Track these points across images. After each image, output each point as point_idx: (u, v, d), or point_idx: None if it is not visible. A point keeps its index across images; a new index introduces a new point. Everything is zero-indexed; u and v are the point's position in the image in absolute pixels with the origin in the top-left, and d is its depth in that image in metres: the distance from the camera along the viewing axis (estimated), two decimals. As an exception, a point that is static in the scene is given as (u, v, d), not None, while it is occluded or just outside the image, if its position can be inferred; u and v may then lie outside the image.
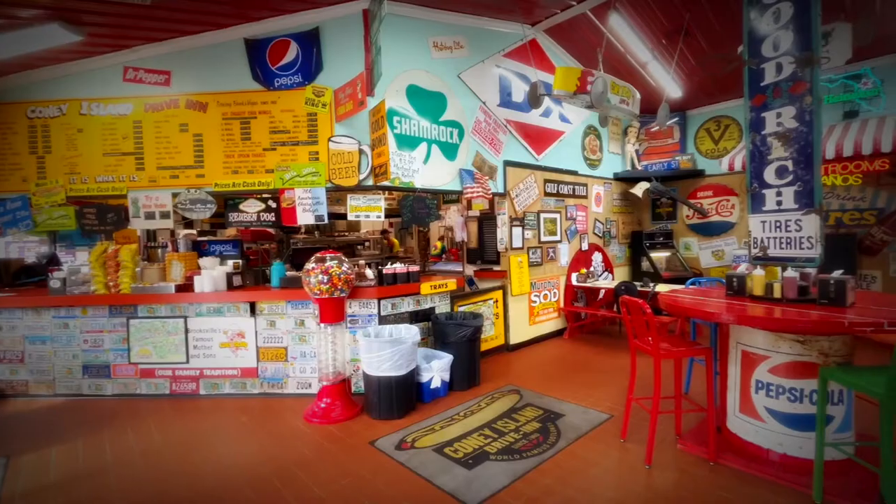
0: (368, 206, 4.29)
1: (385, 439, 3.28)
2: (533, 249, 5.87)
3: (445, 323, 4.24)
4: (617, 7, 4.97)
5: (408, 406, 3.72)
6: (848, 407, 2.61)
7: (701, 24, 5.23)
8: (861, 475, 2.54)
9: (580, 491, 2.57)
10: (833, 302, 2.58)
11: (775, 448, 2.71)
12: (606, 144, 7.36)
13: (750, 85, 3.14)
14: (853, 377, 2.24)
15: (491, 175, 5.28)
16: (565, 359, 5.25)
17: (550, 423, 3.48)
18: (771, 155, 3.03)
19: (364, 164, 4.25)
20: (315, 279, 3.57)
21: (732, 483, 2.60)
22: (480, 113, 5.23)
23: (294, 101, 4.25)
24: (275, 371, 4.24)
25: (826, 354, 2.55)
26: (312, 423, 3.61)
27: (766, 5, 3.03)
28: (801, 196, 2.88)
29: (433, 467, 2.87)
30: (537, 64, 5.79)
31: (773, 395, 2.70)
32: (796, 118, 2.88)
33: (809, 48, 2.79)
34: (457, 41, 4.98)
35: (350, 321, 4.15)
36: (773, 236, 3.04)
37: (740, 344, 2.87)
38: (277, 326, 4.21)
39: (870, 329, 2.21)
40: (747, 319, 2.57)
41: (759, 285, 2.89)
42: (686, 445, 3.02)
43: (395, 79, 4.43)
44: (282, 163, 4.27)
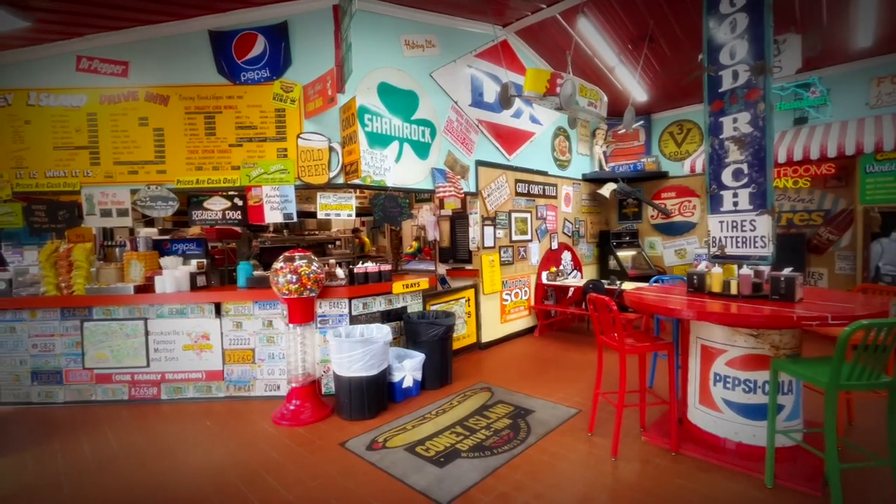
0: (339, 205, 4.23)
1: (356, 440, 3.25)
2: (504, 248, 5.94)
3: (418, 322, 4.24)
4: (585, 12, 5.09)
5: (379, 406, 3.70)
6: (797, 396, 2.77)
7: (665, 32, 5.42)
8: (808, 460, 2.70)
9: (549, 485, 2.62)
10: (783, 298, 2.73)
11: (731, 437, 2.84)
12: (575, 146, 7.52)
13: (709, 91, 3.28)
14: (801, 368, 2.38)
15: (463, 174, 5.30)
16: (536, 356, 5.34)
17: (521, 419, 3.53)
18: (728, 158, 3.17)
19: (334, 162, 4.19)
20: (283, 279, 3.49)
21: (692, 471, 2.71)
22: (452, 112, 5.25)
23: (261, 96, 4.14)
24: (241, 373, 4.12)
25: (777, 347, 2.70)
26: (281, 425, 3.54)
27: (723, 15, 3.17)
28: (755, 197, 3.04)
29: (404, 466, 2.86)
30: (508, 65, 5.86)
31: (730, 386, 2.83)
32: (751, 123, 3.03)
33: (762, 57, 2.94)
34: (429, 40, 4.98)
35: (320, 321, 4.08)
36: (730, 236, 3.19)
37: (700, 339, 3.00)
38: (244, 328, 4.09)
39: (816, 323, 2.35)
40: (706, 315, 2.69)
41: (718, 282, 3.03)
42: (650, 437, 3.13)
43: (367, 76, 4.39)
44: (249, 159, 4.15)
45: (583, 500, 2.48)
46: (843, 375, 2.16)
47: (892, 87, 5.46)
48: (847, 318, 2.26)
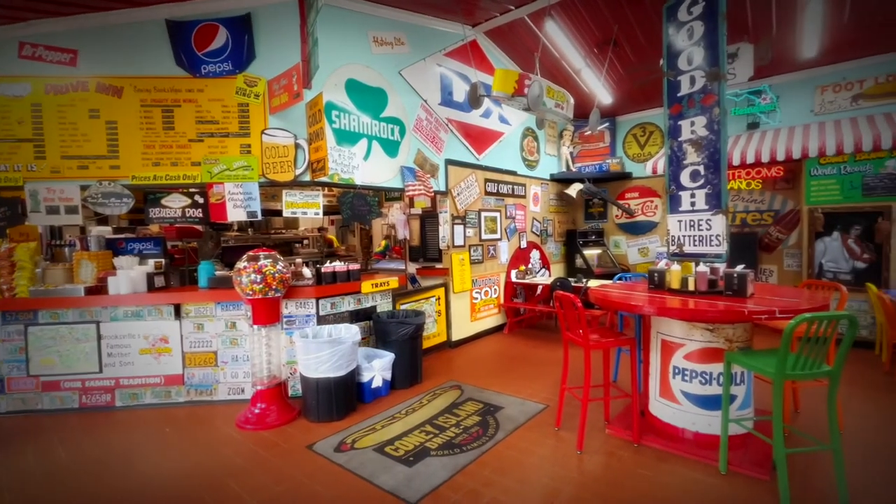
0: (306, 203, 4.14)
1: (324, 442, 3.20)
2: (474, 247, 5.98)
3: (387, 321, 4.21)
4: (552, 14, 5.18)
5: (348, 407, 3.65)
6: (748, 387, 2.92)
7: (628, 37, 5.59)
8: (758, 446, 2.86)
9: (517, 480, 2.66)
10: (736, 293, 2.88)
11: (689, 427, 2.97)
12: (543, 146, 7.66)
13: (668, 95, 3.41)
14: (751, 360, 2.51)
15: (433, 173, 5.30)
16: (505, 353, 5.41)
17: (490, 416, 3.57)
18: (686, 160, 3.31)
19: (301, 159, 4.10)
20: (247, 279, 3.39)
21: (653, 461, 2.82)
22: (422, 111, 5.23)
23: (223, 90, 3.99)
24: (203, 377, 3.97)
25: (731, 340, 2.84)
26: (245, 429, 3.44)
27: (681, 23, 3.30)
28: (711, 198, 3.18)
29: (373, 467, 2.84)
30: (477, 65, 5.90)
31: (688, 379, 2.95)
32: (707, 127, 3.17)
33: (717, 64, 3.08)
34: (398, 37, 4.94)
35: (286, 322, 3.99)
36: (688, 234, 3.33)
37: (660, 333, 3.12)
38: (206, 329, 3.95)
39: (765, 317, 2.49)
40: (666, 311, 2.80)
41: (676, 279, 3.15)
42: (614, 430, 3.23)
43: (334, 72, 4.31)
44: (210, 155, 4.00)
45: (549, 493, 2.53)
46: (789, 366, 2.30)
47: (834, 96, 5.84)
48: (792, 312, 2.41)
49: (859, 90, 5.66)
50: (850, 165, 5.23)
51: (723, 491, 2.49)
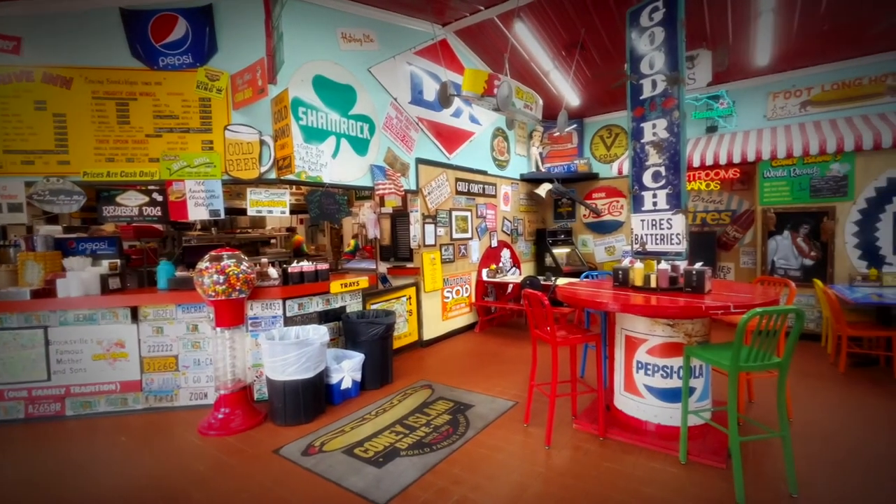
0: (272, 202, 4.04)
1: (291, 446, 3.13)
2: (445, 246, 5.99)
3: (357, 322, 4.16)
4: (521, 16, 5.24)
5: (316, 410, 3.58)
6: (706, 379, 3.05)
7: (595, 40, 5.73)
8: (716, 436, 2.99)
9: (486, 477, 2.68)
10: (695, 290, 2.99)
11: (652, 420, 3.07)
12: (513, 146, 7.75)
13: (632, 98, 3.52)
14: (709, 353, 2.62)
15: (403, 172, 5.27)
16: (476, 351, 5.44)
17: (460, 414, 3.58)
18: (648, 161, 3.42)
19: (266, 156, 3.99)
20: (209, 279, 3.27)
21: (617, 454, 2.90)
22: (392, 109, 5.19)
23: (183, 83, 3.84)
24: (163, 382, 3.81)
25: (690, 335, 2.95)
26: (208, 436, 3.32)
27: (643, 28, 3.41)
28: (671, 198, 3.30)
29: (342, 469, 2.80)
30: (447, 64, 5.90)
31: (651, 373, 3.05)
32: (667, 130, 3.29)
33: (677, 69, 3.20)
34: (367, 34, 4.89)
35: (252, 324, 3.88)
36: (650, 233, 3.44)
37: (624, 329, 3.21)
38: (165, 333, 3.79)
39: (721, 312, 2.60)
40: (629, 307, 2.88)
41: (639, 277, 3.25)
42: (581, 424, 3.30)
43: (301, 68, 4.22)
44: (169, 151, 3.84)
45: (517, 488, 2.56)
46: (742, 358, 2.41)
47: (785, 102, 6.17)
48: (745, 307, 2.52)
49: (807, 97, 6.00)
50: (799, 168, 5.53)
51: (682, 480, 2.59)
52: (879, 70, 5.53)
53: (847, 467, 2.69)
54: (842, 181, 5.28)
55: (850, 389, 3.90)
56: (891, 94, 5.49)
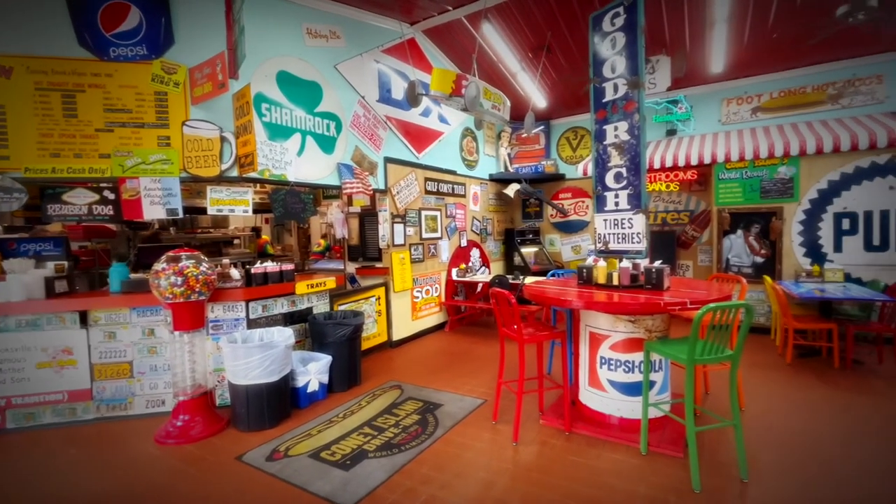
0: (233, 200, 3.90)
1: (254, 452, 3.04)
2: (415, 246, 5.97)
3: (324, 323, 4.08)
4: (489, 17, 5.29)
5: (282, 414, 3.50)
6: (666, 373, 3.17)
7: (560, 43, 5.85)
8: (674, 427, 3.11)
9: (454, 475, 2.69)
10: (655, 287, 3.11)
11: (615, 413, 3.17)
12: (482, 147, 7.81)
13: (595, 101, 3.61)
14: (667, 348, 2.72)
15: (371, 171, 5.22)
16: (446, 351, 5.45)
17: (429, 413, 3.58)
18: (610, 162, 3.52)
19: (227, 153, 3.86)
20: (166, 281, 3.13)
21: (582, 448, 2.97)
22: (359, 107, 5.13)
23: (137, 76, 3.66)
24: (116, 390, 3.62)
25: (650, 331, 3.06)
26: (166, 444, 3.18)
27: (605, 33, 3.51)
28: (632, 198, 3.41)
29: (308, 474, 2.74)
30: (416, 63, 5.88)
31: (613, 368, 3.15)
32: (628, 132, 3.40)
33: (637, 73, 3.31)
34: (333, 31, 4.80)
35: (213, 327, 3.74)
36: (612, 232, 3.55)
37: (588, 326, 3.29)
38: (119, 338, 3.60)
39: (678, 308, 2.71)
40: (592, 305, 2.96)
41: (602, 275, 3.35)
42: (547, 420, 3.36)
43: (264, 63, 4.10)
44: (122, 147, 3.65)
45: (485, 485, 2.58)
46: (698, 351, 2.52)
47: (738, 108, 6.49)
48: (701, 303, 2.64)
49: (758, 103, 6.34)
50: (750, 171, 5.84)
51: (643, 470, 2.68)
52: (821, 80, 5.91)
53: (793, 451, 2.86)
54: (788, 183, 5.61)
55: (796, 379, 4.15)
56: (831, 102, 5.87)
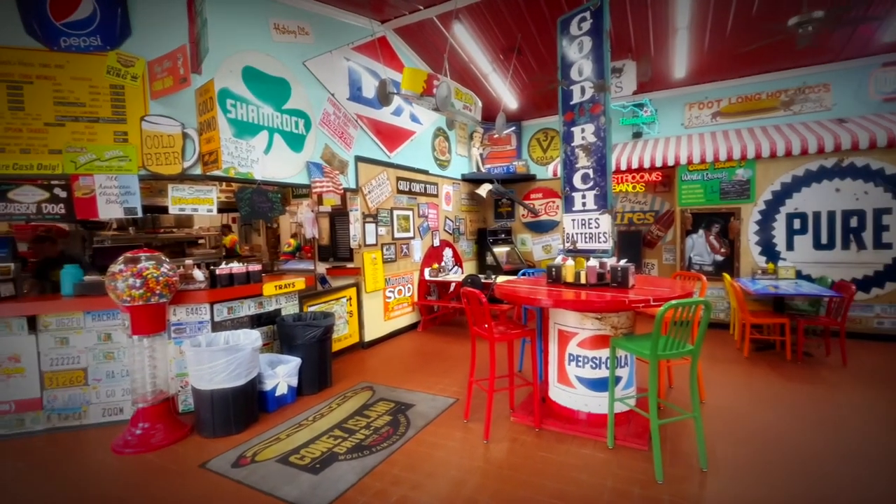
0: (196, 199, 3.77)
1: (219, 458, 2.95)
2: (387, 246, 5.93)
3: (293, 325, 4.00)
4: (460, 18, 5.31)
5: (249, 418, 3.40)
6: (631, 368, 3.27)
7: (530, 46, 5.93)
8: (639, 421, 3.21)
9: (425, 475, 2.69)
10: (620, 285, 3.19)
11: (583, 409, 3.24)
12: (455, 147, 7.83)
13: (563, 103, 3.68)
14: (632, 344, 2.81)
15: (342, 170, 5.15)
16: (418, 351, 5.44)
17: (401, 414, 3.57)
18: (578, 164, 3.60)
19: (190, 151, 3.73)
20: (123, 284, 3.00)
21: (551, 443, 3.03)
22: (329, 105, 5.05)
23: (91, 67, 3.48)
24: (69, 399, 3.44)
25: (616, 327, 3.15)
26: (125, 454, 3.04)
27: (573, 37, 3.58)
28: (599, 199, 3.50)
29: (276, 479, 2.68)
30: (387, 61, 5.84)
31: (581, 364, 3.22)
32: (595, 134, 3.48)
33: (602, 77, 3.39)
34: (301, 27, 4.71)
35: (175, 330, 3.61)
36: (580, 232, 3.63)
37: (557, 324, 3.35)
38: (71, 344, 3.42)
39: (642, 305, 2.80)
40: (561, 303, 3.02)
41: (570, 273, 3.42)
42: (518, 417, 3.41)
43: (229, 58, 3.98)
44: (75, 142, 3.46)
45: (456, 483, 2.59)
46: (661, 347, 2.61)
47: (699, 112, 6.76)
48: (663, 300, 2.73)
49: (718, 108, 6.62)
50: (711, 173, 6.09)
51: (609, 463, 2.75)
52: (774, 87, 6.22)
53: (750, 440, 3.00)
54: (745, 185, 5.88)
55: (753, 371, 4.35)
56: (784, 108, 6.20)
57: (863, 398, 3.64)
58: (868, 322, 5.34)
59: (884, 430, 3.08)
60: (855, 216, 5.35)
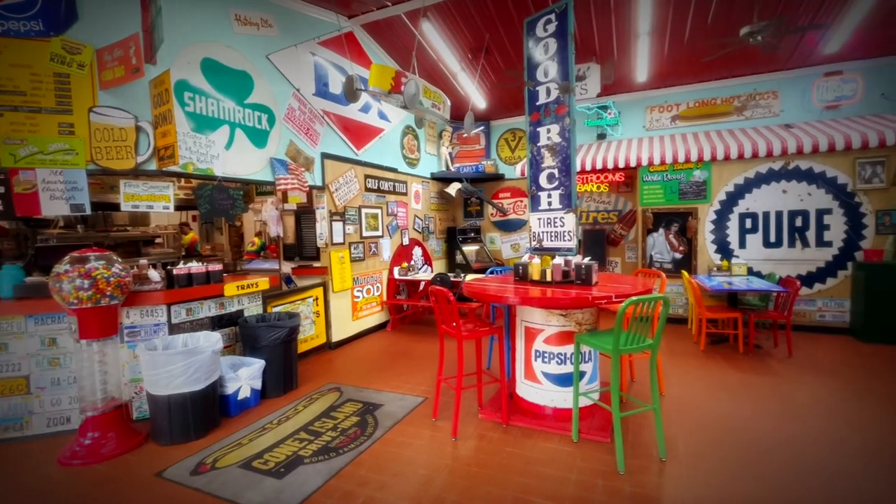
0: (152, 196, 3.60)
1: (177, 466, 2.83)
2: (355, 245, 5.84)
3: (256, 326, 3.88)
4: (429, 16, 5.30)
5: (209, 424, 3.28)
6: (595, 363, 3.35)
7: (498, 46, 5.99)
8: (602, 414, 3.30)
9: (393, 475, 2.67)
10: (584, 282, 3.27)
11: (549, 404, 3.30)
12: (424, 145, 7.81)
13: (529, 103, 3.74)
14: (595, 340, 2.88)
15: (307, 167, 5.03)
16: (387, 350, 5.40)
17: (369, 414, 3.53)
18: (544, 164, 3.66)
19: (144, 145, 3.55)
20: (70, 285, 2.82)
21: (519, 439, 3.07)
22: (294, 100, 4.92)
23: (32, 54, 3.24)
24: (8, 409, 3.21)
25: (580, 324, 3.22)
26: (72, 466, 2.87)
27: (539, 38, 3.64)
28: (563, 198, 3.57)
29: (238, 485, 2.60)
30: (354, 57, 5.76)
31: (547, 360, 3.28)
32: (560, 135, 3.55)
33: (567, 79, 3.46)
34: (264, 19, 4.57)
35: (128, 333, 3.43)
36: (546, 231, 3.69)
37: (524, 321, 3.40)
38: (11, 350, 3.19)
39: (604, 301, 2.88)
40: (528, 300, 3.06)
41: (537, 271, 3.47)
42: (486, 414, 3.44)
43: (187, 48, 3.82)
44: (13, 134, 3.22)
45: (424, 482, 2.59)
46: (622, 342, 2.69)
47: (660, 115, 7.01)
48: (625, 297, 2.81)
49: (677, 112, 6.89)
50: (670, 174, 6.33)
51: (574, 456, 2.82)
52: (728, 93, 6.54)
53: (706, 429, 3.14)
54: (702, 186, 6.15)
55: (708, 364, 4.56)
56: (737, 113, 6.52)
57: (806, 387, 3.88)
58: (811, 315, 5.70)
59: (824, 417, 3.29)
60: (800, 216, 5.70)
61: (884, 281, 5.03)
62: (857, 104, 5.85)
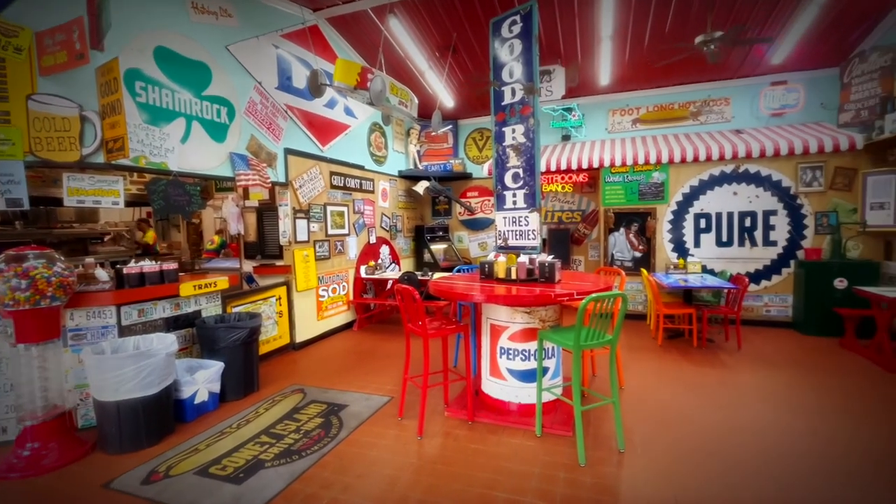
0: (99, 190, 3.39)
1: (127, 476, 2.69)
2: (320, 243, 5.73)
3: (214, 327, 3.74)
4: (396, 12, 5.25)
5: (163, 430, 3.14)
6: (557, 359, 3.43)
7: (465, 45, 6.01)
8: (565, 408, 3.38)
9: (357, 475, 2.64)
10: (548, 280, 3.34)
11: (513, 400, 3.35)
12: (391, 143, 7.74)
13: (495, 103, 3.77)
14: (558, 336, 2.95)
15: (270, 162, 4.88)
16: (353, 350, 5.32)
17: (333, 415, 3.47)
18: (509, 163, 3.71)
19: (91, 136, 3.34)
20: (4, 286, 2.62)
21: (484, 435, 3.10)
22: (255, 93, 4.76)
23: (-38, 35, 2.99)
24: (-65, 421, 2.95)
25: (544, 321, 3.29)
26: (10, 479, 2.68)
27: (504, 39, 3.68)
28: (528, 197, 3.62)
29: (194, 493, 2.50)
30: (319, 51, 5.63)
31: (512, 357, 3.32)
32: (524, 135, 3.60)
33: (532, 80, 3.52)
34: (224, 8, 4.39)
35: (73, 336, 3.22)
36: (511, 230, 3.74)
37: (489, 319, 3.43)
38: (-62, 356, 2.94)
39: (567, 299, 2.94)
40: (493, 298, 3.09)
41: (502, 270, 3.51)
42: (452, 412, 3.45)
43: (139, 35, 3.62)
44: (-60, 121, 2.96)
45: (388, 482, 2.57)
46: (583, 338, 2.76)
47: (621, 118, 7.25)
48: (586, 294, 2.89)
49: (637, 115, 7.14)
50: (631, 175, 6.56)
51: (537, 451, 2.87)
52: (684, 98, 6.84)
53: (662, 420, 3.27)
54: (660, 187, 6.41)
55: (665, 358, 4.76)
56: (693, 118, 6.82)
57: (754, 378, 4.12)
58: (758, 310, 6.05)
59: (770, 407, 3.50)
60: (749, 217, 6.03)
61: (821, 278, 5.41)
62: (799, 112, 6.24)
